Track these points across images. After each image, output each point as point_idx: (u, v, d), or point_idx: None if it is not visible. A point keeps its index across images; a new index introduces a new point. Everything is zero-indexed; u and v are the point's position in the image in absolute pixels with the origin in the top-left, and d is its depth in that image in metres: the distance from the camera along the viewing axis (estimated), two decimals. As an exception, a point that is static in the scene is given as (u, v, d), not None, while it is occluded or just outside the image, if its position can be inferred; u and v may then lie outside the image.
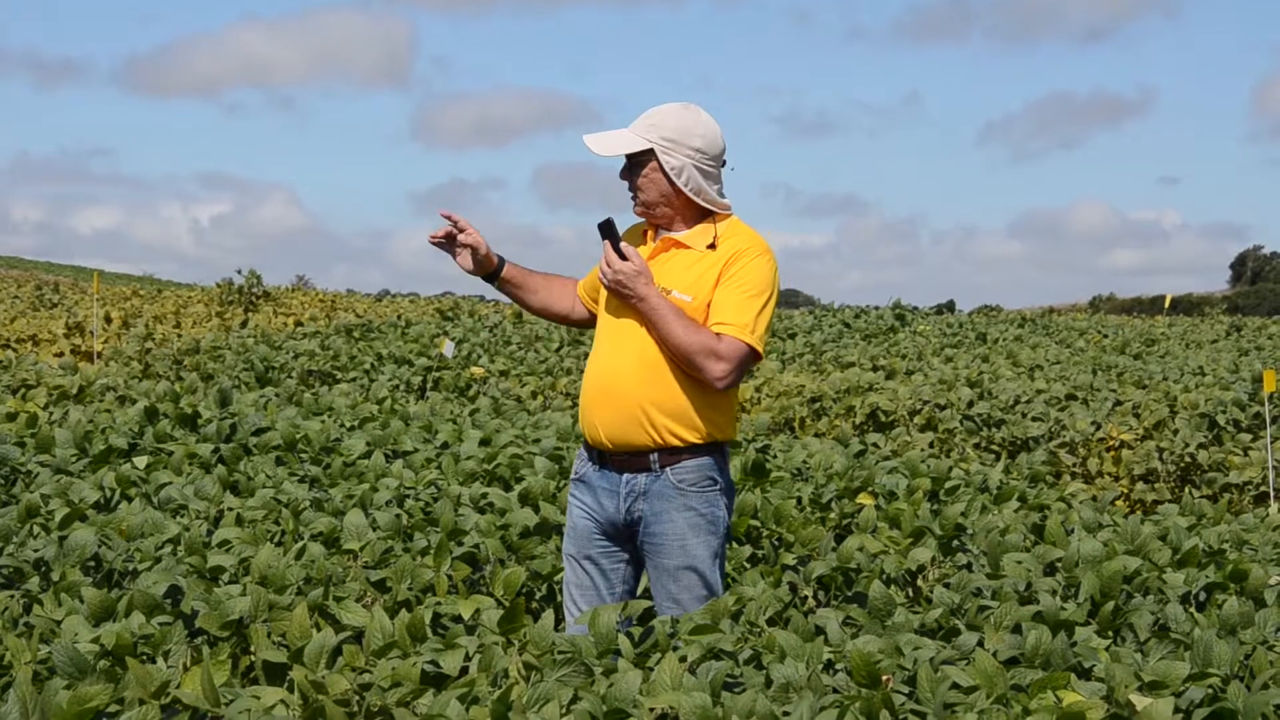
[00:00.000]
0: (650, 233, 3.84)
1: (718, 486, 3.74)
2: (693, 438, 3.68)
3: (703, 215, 3.77)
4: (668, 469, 3.69)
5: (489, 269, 3.91)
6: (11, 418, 7.12)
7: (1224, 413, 9.66)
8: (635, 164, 3.74)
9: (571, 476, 3.90)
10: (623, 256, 3.64)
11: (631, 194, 3.79)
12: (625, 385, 3.67)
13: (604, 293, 3.80)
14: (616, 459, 3.73)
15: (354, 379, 12.59)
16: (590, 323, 4.04)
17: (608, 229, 3.70)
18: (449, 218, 3.85)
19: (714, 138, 3.74)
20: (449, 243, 3.89)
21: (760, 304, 3.67)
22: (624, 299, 3.68)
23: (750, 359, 3.66)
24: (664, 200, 3.74)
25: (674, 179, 3.70)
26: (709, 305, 3.67)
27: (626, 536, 3.78)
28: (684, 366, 3.65)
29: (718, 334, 3.62)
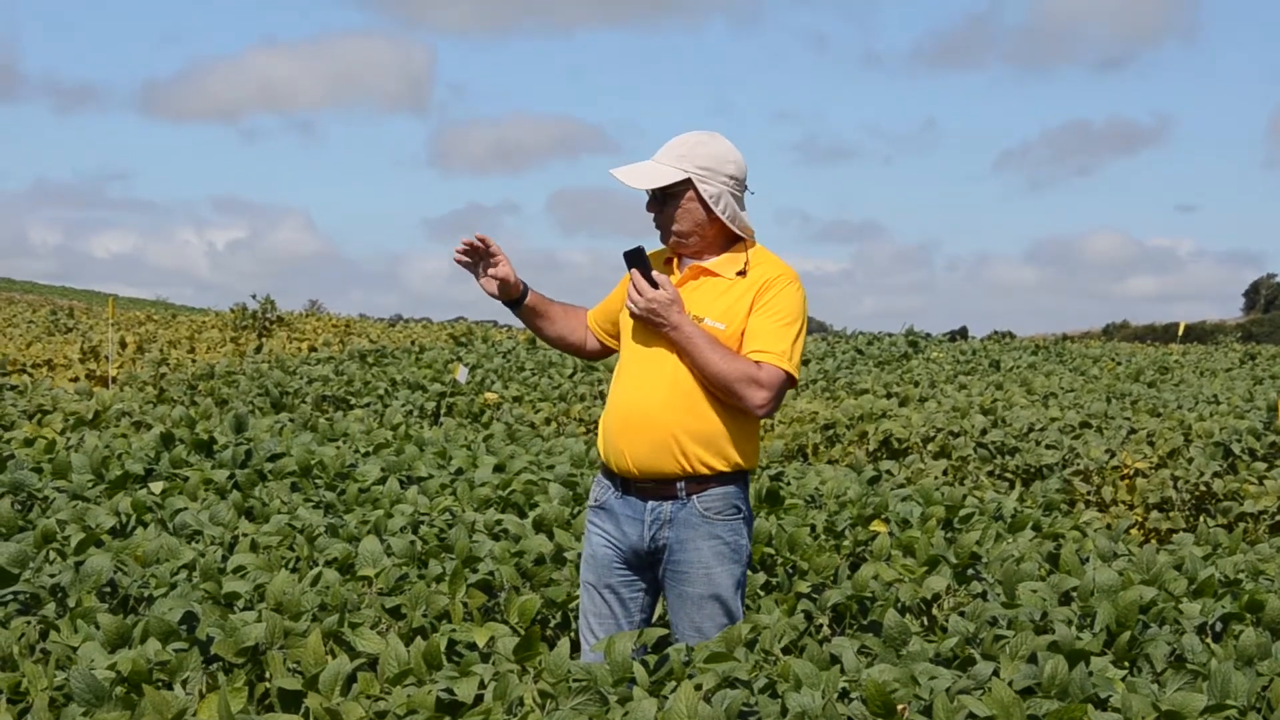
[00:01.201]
0: (675, 261, 3.84)
1: (741, 515, 3.75)
2: (721, 466, 3.69)
3: (730, 243, 3.79)
4: (694, 497, 3.70)
5: (514, 295, 3.91)
6: (29, 443, 7.15)
7: (1239, 441, 9.63)
8: (669, 195, 3.75)
9: (590, 504, 3.88)
10: (654, 285, 3.64)
11: (660, 225, 3.79)
12: (657, 413, 3.66)
13: (629, 322, 3.79)
14: (641, 487, 3.72)
15: (368, 404, 12.61)
16: (599, 355, 4.05)
17: (637, 257, 3.69)
18: (483, 240, 3.83)
19: (742, 164, 3.78)
20: (474, 263, 3.87)
21: (795, 331, 3.70)
22: (656, 328, 3.67)
23: (788, 386, 3.69)
24: (698, 229, 3.75)
25: (712, 207, 3.72)
26: (742, 333, 3.69)
27: (648, 565, 3.77)
28: (723, 395, 3.65)
29: (757, 362, 3.64)
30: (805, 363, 18.31)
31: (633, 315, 3.71)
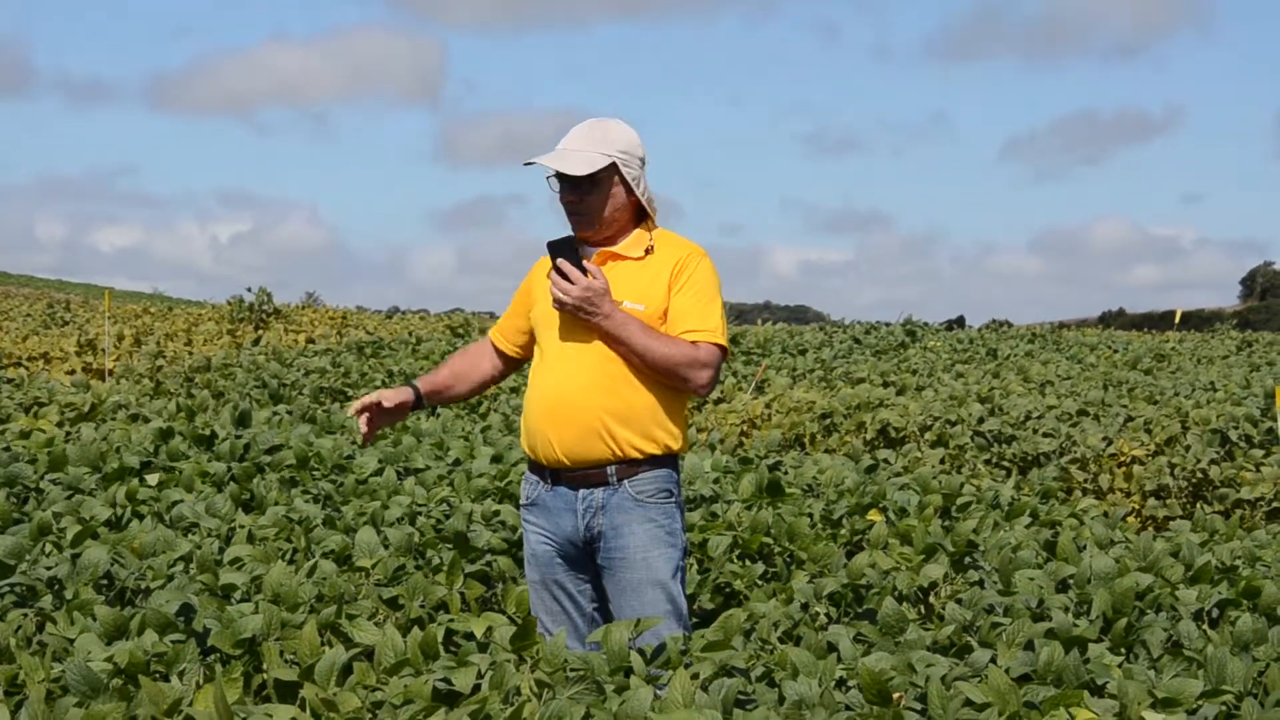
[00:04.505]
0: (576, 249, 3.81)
1: (674, 499, 3.76)
2: (651, 449, 3.69)
3: (635, 224, 3.82)
4: (625, 481, 3.69)
5: (409, 407, 3.95)
6: (25, 436, 7.15)
7: (1236, 428, 9.64)
8: (595, 181, 3.73)
9: (523, 503, 3.87)
10: (585, 275, 3.64)
11: (582, 213, 3.75)
12: (582, 398, 3.66)
13: (548, 315, 3.75)
14: (570, 476, 3.71)
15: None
16: (518, 365, 4.04)
17: (568, 247, 3.67)
18: (363, 409, 3.88)
19: (643, 145, 3.82)
20: (379, 422, 3.92)
21: (718, 306, 3.76)
22: (587, 317, 3.65)
23: (722, 360, 3.75)
24: (617, 214, 3.76)
25: (634, 189, 3.74)
26: (663, 313, 3.71)
27: (587, 555, 3.76)
28: (665, 378, 3.67)
29: (693, 342, 3.67)
30: (802, 352, 18.31)
31: (561, 308, 3.67)
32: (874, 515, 5.85)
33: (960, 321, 32.86)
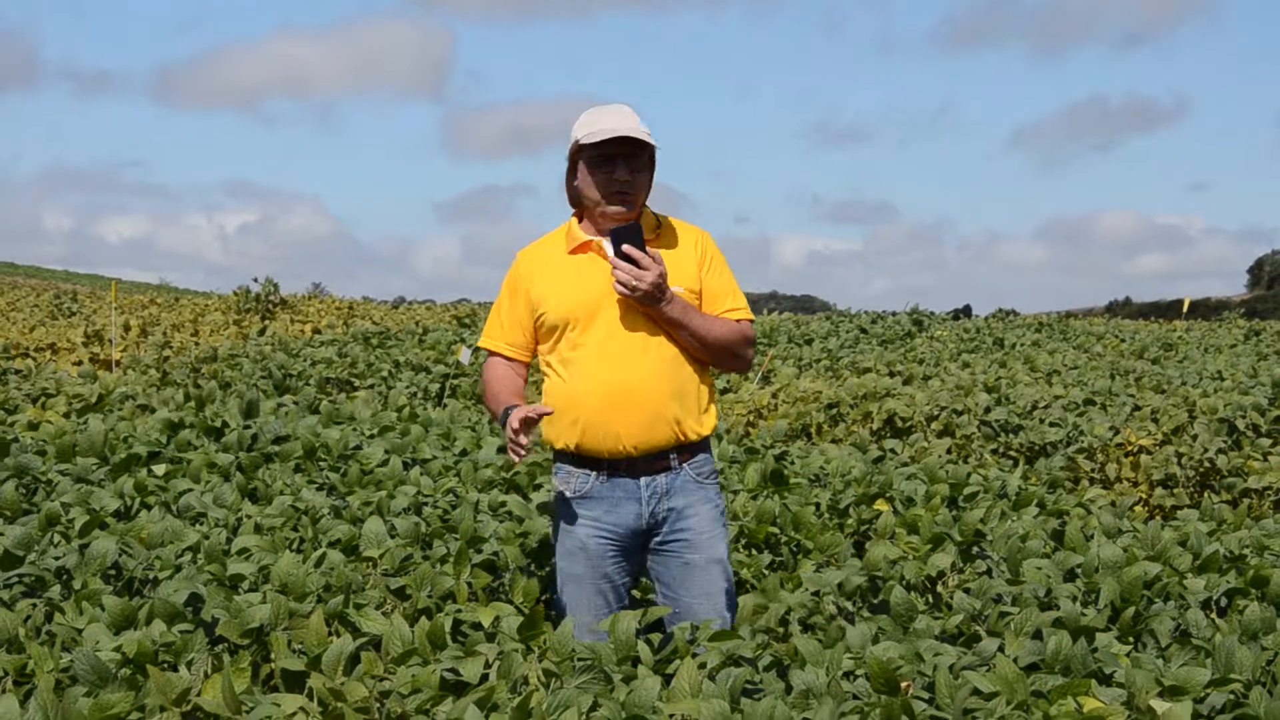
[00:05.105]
0: (590, 244, 3.79)
1: (719, 478, 3.85)
2: (704, 430, 3.74)
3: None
4: (685, 464, 3.72)
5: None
6: (33, 426, 7.15)
7: (1243, 417, 9.62)
8: (650, 159, 3.75)
9: (569, 496, 3.77)
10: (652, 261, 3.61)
11: (630, 190, 3.71)
12: (650, 387, 3.65)
13: (583, 306, 3.70)
14: (632, 465, 3.70)
15: (371, 386, 12.61)
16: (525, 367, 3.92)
17: (635, 234, 3.63)
18: (522, 428, 3.59)
19: None
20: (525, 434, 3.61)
21: (737, 284, 3.85)
22: (651, 303, 3.62)
23: None
24: (645, 196, 3.79)
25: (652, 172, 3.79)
26: (699, 295, 3.73)
27: (638, 546, 3.76)
28: (720, 359, 3.72)
29: (737, 320, 3.75)
30: (809, 342, 18.32)
31: (632, 294, 3.61)
32: (881, 505, 5.85)
33: (967, 311, 32.86)
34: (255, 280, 23.37)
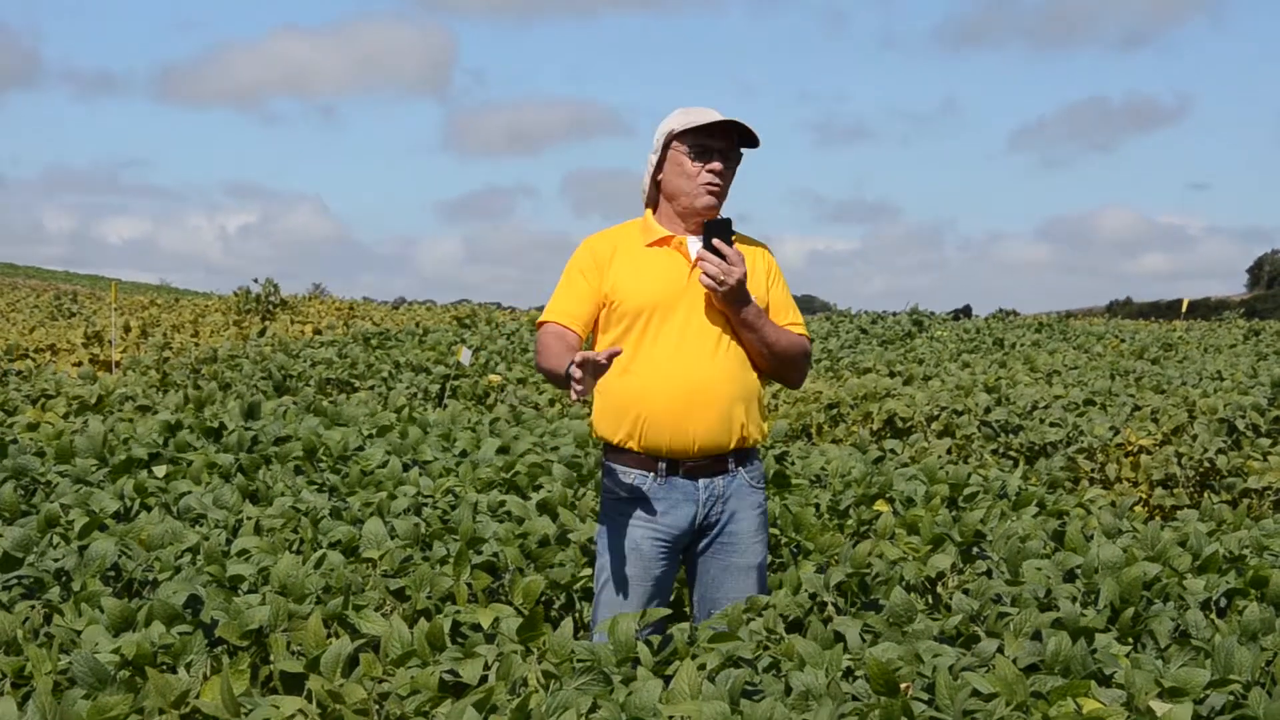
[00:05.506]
0: (670, 238, 3.74)
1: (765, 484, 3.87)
2: (761, 436, 3.76)
3: None
4: (741, 468, 3.73)
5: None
6: (33, 428, 7.15)
7: (1243, 418, 9.62)
8: (735, 160, 3.74)
9: (621, 496, 3.71)
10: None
11: (717, 189, 3.67)
12: (722, 387, 3.63)
13: (659, 296, 3.64)
14: (692, 466, 3.68)
15: (371, 387, 12.60)
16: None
17: (727, 229, 3.59)
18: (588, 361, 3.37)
19: None
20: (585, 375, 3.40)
21: None
22: (730, 302, 3.59)
23: None
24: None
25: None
26: (765, 306, 3.72)
27: (685, 546, 3.76)
28: (780, 368, 3.73)
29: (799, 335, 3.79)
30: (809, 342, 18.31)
31: (718, 289, 3.54)
32: (881, 505, 5.85)
33: (967, 311, 32.85)
34: (255, 281, 23.38)
